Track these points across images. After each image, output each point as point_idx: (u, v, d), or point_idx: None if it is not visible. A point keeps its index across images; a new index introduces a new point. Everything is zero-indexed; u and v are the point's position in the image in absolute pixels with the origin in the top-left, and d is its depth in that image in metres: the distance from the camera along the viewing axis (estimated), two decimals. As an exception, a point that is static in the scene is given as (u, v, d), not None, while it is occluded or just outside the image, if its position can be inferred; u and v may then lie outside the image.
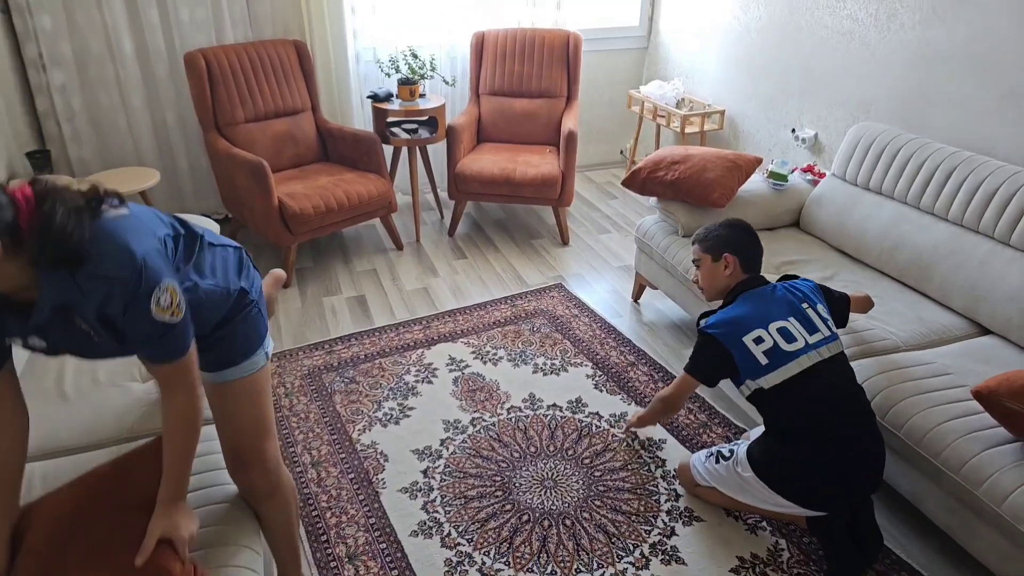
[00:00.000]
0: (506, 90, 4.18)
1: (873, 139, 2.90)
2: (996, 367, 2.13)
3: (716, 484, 2.13)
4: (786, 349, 1.93)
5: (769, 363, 1.93)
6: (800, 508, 1.97)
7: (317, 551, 2.06)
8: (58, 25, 3.44)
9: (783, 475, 1.96)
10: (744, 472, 2.02)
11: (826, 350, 1.97)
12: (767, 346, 1.93)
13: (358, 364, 2.88)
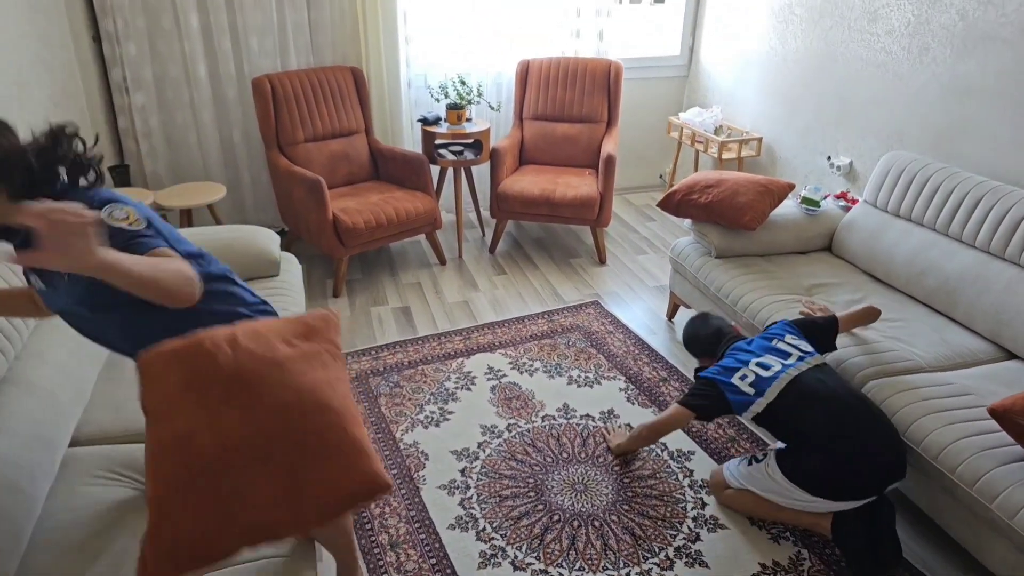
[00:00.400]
0: (548, 115, 4.36)
1: (904, 167, 2.99)
2: (1017, 389, 2.20)
3: (747, 484, 2.25)
4: (765, 376, 2.18)
5: (755, 392, 2.17)
6: (830, 502, 2.08)
7: (362, 538, 2.22)
8: (142, 52, 3.74)
9: (809, 474, 2.09)
10: (774, 474, 2.15)
11: (804, 365, 2.20)
12: (751, 379, 2.19)
13: (402, 370, 3.05)
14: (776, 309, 2.71)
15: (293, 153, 3.81)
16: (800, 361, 2.21)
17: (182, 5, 3.70)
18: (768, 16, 4.22)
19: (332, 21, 4.01)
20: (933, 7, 3.19)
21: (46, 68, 3.08)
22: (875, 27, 3.51)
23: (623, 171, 4.99)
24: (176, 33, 3.79)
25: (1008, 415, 1.90)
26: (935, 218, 2.83)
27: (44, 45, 3.09)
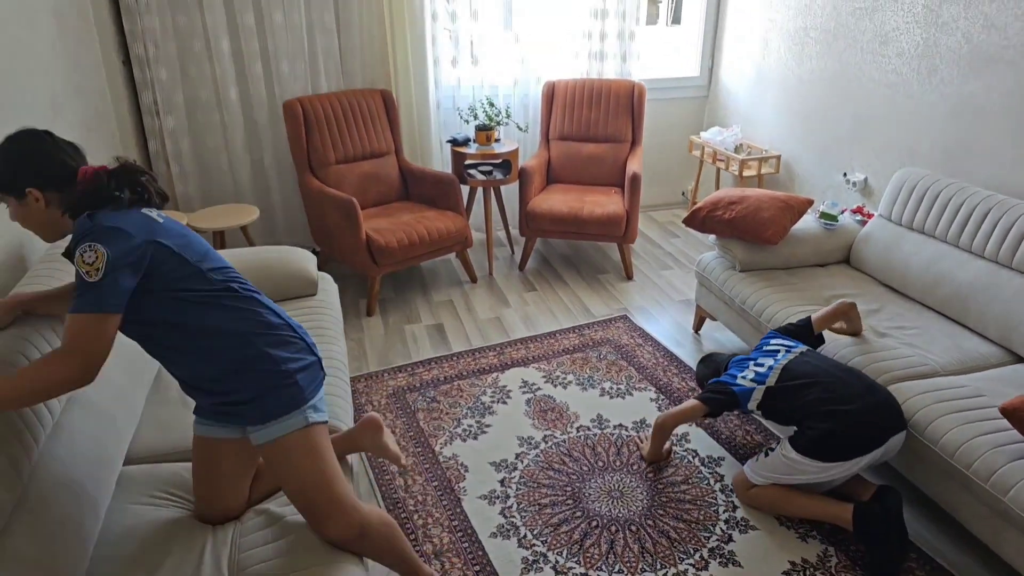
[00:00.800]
0: (574, 135, 4.49)
1: (916, 183, 3.09)
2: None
3: (768, 474, 2.36)
4: (762, 371, 2.46)
5: (755, 383, 2.43)
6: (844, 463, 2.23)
7: (407, 547, 2.31)
8: (173, 76, 3.87)
9: (818, 442, 2.24)
10: (789, 454, 2.29)
11: (791, 355, 2.48)
12: (751, 376, 2.47)
13: (438, 385, 3.15)
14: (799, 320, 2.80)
15: (325, 175, 3.94)
16: (788, 352, 2.49)
17: (213, 30, 3.83)
18: (784, 39, 4.34)
19: (361, 45, 4.15)
20: (940, 31, 3.30)
21: (79, 92, 3.17)
22: (886, 49, 3.62)
23: (646, 189, 5.10)
24: (207, 57, 3.91)
25: (1018, 414, 1.99)
26: (947, 230, 2.93)
27: (76, 69, 3.19)
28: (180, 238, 1.65)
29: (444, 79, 4.42)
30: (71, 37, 3.18)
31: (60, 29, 3.05)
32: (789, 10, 4.27)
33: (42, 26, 2.86)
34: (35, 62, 2.74)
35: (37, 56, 2.77)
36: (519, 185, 4.20)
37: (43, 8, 2.89)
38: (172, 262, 1.59)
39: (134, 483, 1.90)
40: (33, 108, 2.66)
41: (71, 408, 1.85)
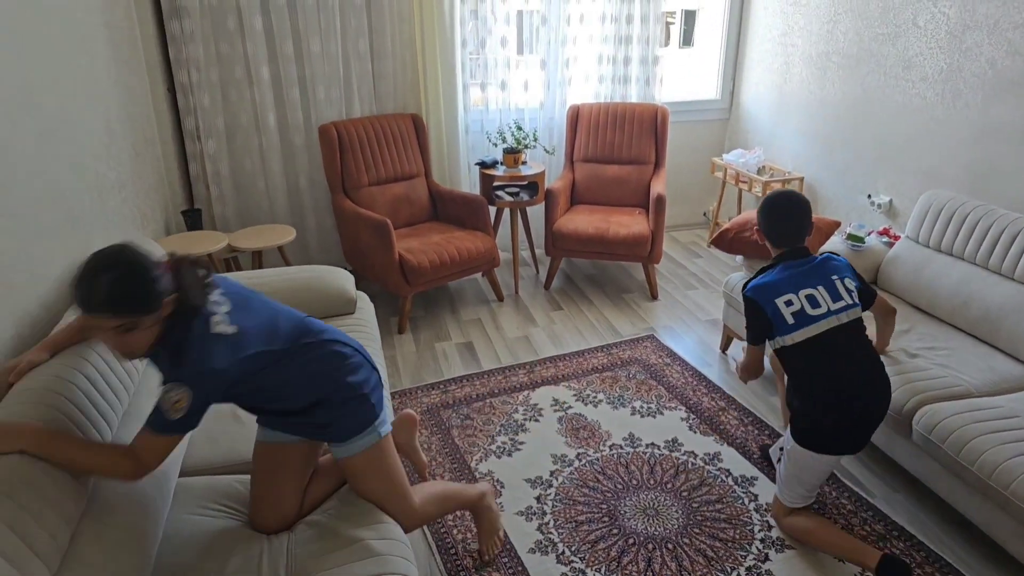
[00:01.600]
0: (599, 157, 4.57)
1: (943, 205, 3.14)
2: (1063, 412, 2.32)
3: (787, 486, 2.38)
4: (810, 313, 2.23)
5: (795, 323, 2.24)
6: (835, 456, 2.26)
7: (447, 562, 2.35)
8: (215, 102, 3.99)
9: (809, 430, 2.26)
10: (793, 452, 2.31)
11: (845, 316, 2.25)
12: (795, 308, 2.24)
13: (471, 403, 3.21)
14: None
15: (358, 197, 4.04)
16: (844, 311, 2.25)
17: (254, 58, 3.95)
18: (806, 62, 4.42)
19: (394, 72, 4.26)
20: (964, 56, 3.36)
21: (129, 118, 3.30)
22: (910, 74, 3.68)
23: (668, 210, 5.16)
24: (248, 83, 4.03)
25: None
26: (975, 252, 2.98)
27: (128, 96, 3.31)
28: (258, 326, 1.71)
29: (473, 103, 4.52)
30: (124, 66, 3.31)
31: (115, 58, 3.18)
32: (811, 36, 4.35)
33: (100, 56, 2.98)
34: (94, 89, 2.86)
35: (96, 83, 2.89)
36: (545, 206, 4.28)
37: (100, 38, 3.01)
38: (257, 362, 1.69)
39: (190, 494, 1.96)
40: (91, 133, 2.77)
41: (128, 422, 1.90)
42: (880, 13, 3.82)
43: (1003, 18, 3.15)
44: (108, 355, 1.93)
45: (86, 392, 1.76)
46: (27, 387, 1.67)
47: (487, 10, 4.41)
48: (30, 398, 1.61)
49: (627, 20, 4.64)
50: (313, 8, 3.98)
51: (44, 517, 1.41)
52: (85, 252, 2.51)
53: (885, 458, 2.80)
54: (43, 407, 1.60)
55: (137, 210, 3.29)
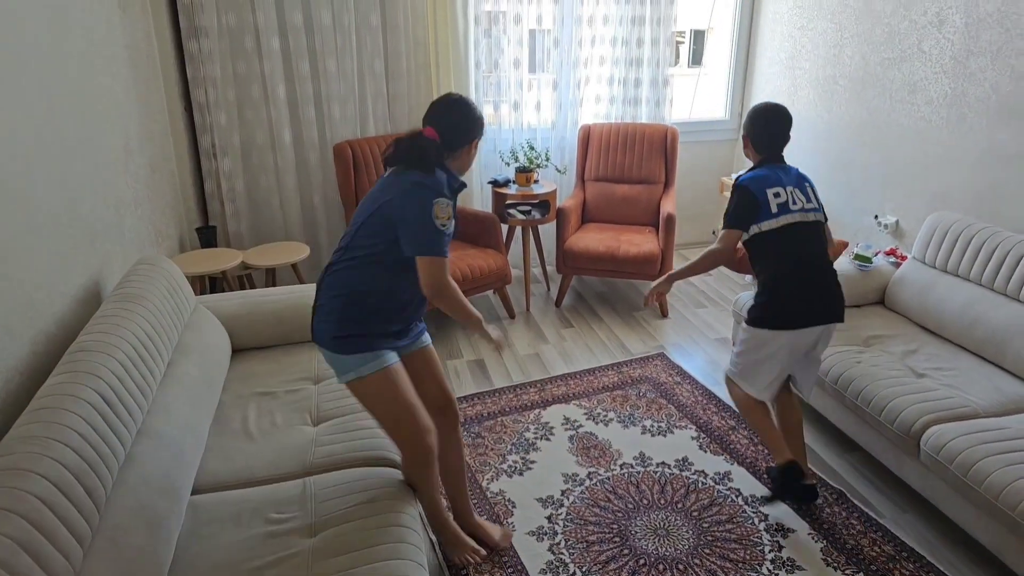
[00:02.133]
0: (609, 176, 4.62)
1: (949, 227, 3.18)
2: (1070, 435, 2.34)
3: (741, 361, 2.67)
4: (791, 207, 2.53)
5: (777, 212, 2.52)
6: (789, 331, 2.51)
7: (453, 569, 2.38)
8: (231, 120, 4.06)
9: (773, 309, 2.53)
10: (747, 332, 2.60)
11: (813, 216, 2.56)
12: (780, 200, 2.53)
13: (482, 421, 3.24)
14: (837, 360, 2.88)
15: None
16: (812, 212, 2.57)
17: (271, 77, 4.03)
18: (813, 86, 4.47)
19: (408, 91, 4.33)
20: (969, 81, 3.41)
21: (148, 135, 3.36)
22: (915, 98, 3.73)
23: (678, 228, 5.20)
24: (264, 102, 4.10)
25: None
26: (980, 273, 3.01)
27: (147, 115, 3.38)
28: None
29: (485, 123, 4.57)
30: (143, 85, 3.37)
31: (135, 78, 3.24)
32: (818, 59, 4.40)
33: (121, 76, 3.05)
34: (115, 109, 2.93)
35: (116, 103, 2.96)
36: (556, 224, 4.33)
37: (122, 59, 3.08)
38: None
39: (203, 510, 1.98)
40: (111, 151, 2.84)
41: (141, 440, 1.92)
42: (886, 38, 3.87)
43: (1006, 44, 3.20)
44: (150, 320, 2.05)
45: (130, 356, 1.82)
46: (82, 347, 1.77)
47: (500, 31, 4.49)
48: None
49: (637, 43, 4.71)
50: (330, 29, 4.05)
51: (57, 536, 1.42)
52: (102, 271, 2.59)
53: (894, 478, 2.83)
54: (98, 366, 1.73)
55: (153, 227, 3.34)
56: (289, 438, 2.32)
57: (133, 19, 3.32)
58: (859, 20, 4.05)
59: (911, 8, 3.69)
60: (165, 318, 2.35)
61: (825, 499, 2.73)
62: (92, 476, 1.61)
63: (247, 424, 2.39)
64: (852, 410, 2.79)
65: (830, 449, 3.04)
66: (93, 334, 1.99)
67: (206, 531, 1.90)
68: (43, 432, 1.58)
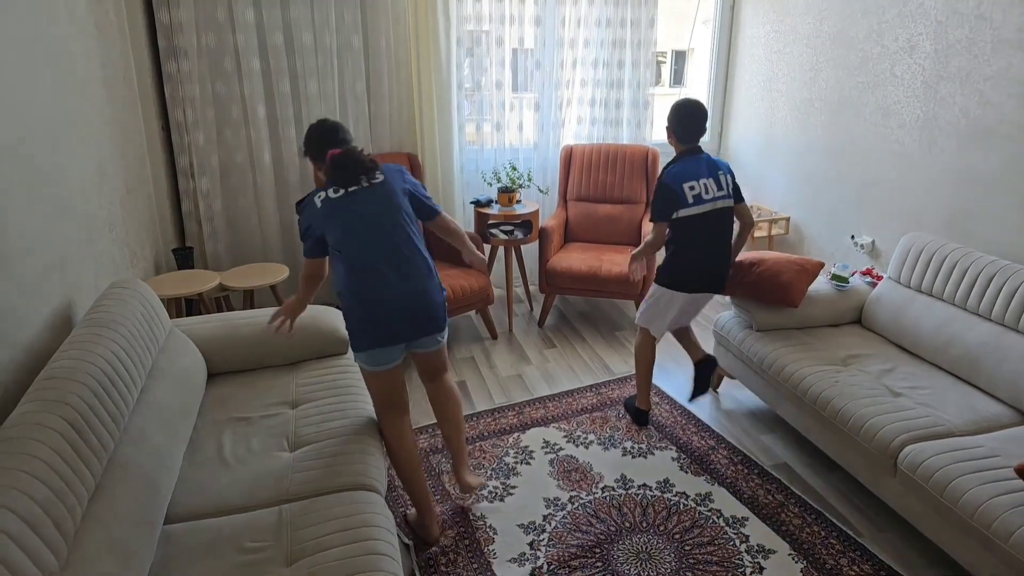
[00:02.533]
0: (591, 196, 4.65)
1: (923, 247, 3.22)
2: (1041, 451, 2.37)
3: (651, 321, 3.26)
4: (705, 197, 3.03)
5: (692, 202, 3.02)
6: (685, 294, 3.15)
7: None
8: (209, 140, 4.04)
9: (673, 275, 3.14)
10: (661, 296, 3.18)
11: (721, 203, 3.06)
12: (695, 192, 3.03)
13: None
14: (816, 379, 2.90)
15: None
16: (723, 199, 3.06)
17: (251, 98, 4.02)
18: (791, 108, 4.53)
19: (390, 112, 4.34)
20: (939, 106, 3.47)
21: (122, 156, 3.32)
22: (888, 121, 3.79)
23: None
24: (243, 122, 4.08)
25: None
26: (954, 293, 3.05)
27: (121, 135, 3.35)
28: None
29: (468, 143, 4.60)
30: (119, 105, 3.35)
31: (109, 98, 3.21)
32: (794, 82, 4.47)
33: (94, 96, 3.02)
34: (86, 130, 2.89)
35: (88, 124, 2.92)
36: (539, 244, 4.34)
37: (97, 79, 3.06)
38: None
39: (177, 542, 1.93)
40: (83, 173, 2.80)
41: (112, 469, 1.88)
42: (860, 63, 3.94)
43: (974, 70, 3.27)
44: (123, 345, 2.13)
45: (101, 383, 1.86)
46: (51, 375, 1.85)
47: (483, 52, 4.51)
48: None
49: (619, 65, 4.76)
50: (311, 50, 4.06)
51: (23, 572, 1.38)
52: (74, 295, 2.56)
53: (872, 497, 2.84)
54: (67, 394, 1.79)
55: (128, 249, 3.30)
56: (265, 464, 2.27)
57: (109, 39, 3.30)
58: (834, 45, 4.11)
59: (883, 35, 3.76)
60: (138, 343, 2.32)
61: (804, 519, 2.73)
62: (60, 507, 1.58)
63: (222, 450, 2.34)
64: (831, 429, 2.80)
65: (810, 468, 3.04)
66: (63, 361, 1.96)
67: (179, 562, 1.86)
68: (9, 463, 1.54)
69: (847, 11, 3.98)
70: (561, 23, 4.61)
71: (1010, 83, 3.11)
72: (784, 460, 3.12)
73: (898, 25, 3.65)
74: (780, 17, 4.56)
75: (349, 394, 2.68)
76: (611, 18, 4.66)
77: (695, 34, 6.04)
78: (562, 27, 4.62)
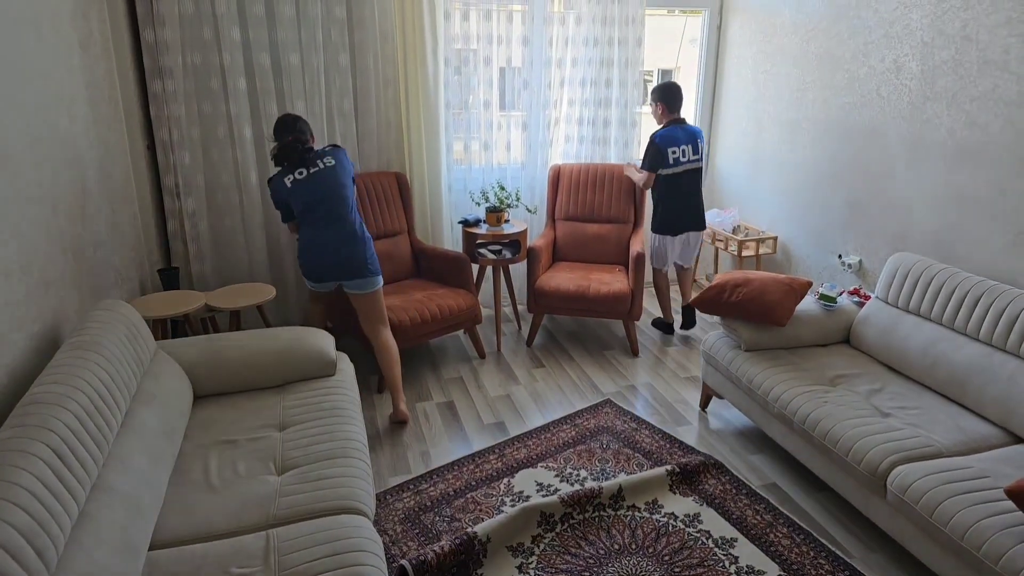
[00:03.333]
0: (579, 216, 4.66)
1: (910, 268, 3.25)
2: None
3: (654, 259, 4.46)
4: (681, 160, 4.17)
5: (673, 163, 4.16)
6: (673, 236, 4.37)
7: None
8: (195, 160, 4.02)
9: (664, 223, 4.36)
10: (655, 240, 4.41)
11: (693, 165, 4.22)
12: (675, 156, 4.16)
13: (451, 501, 2.95)
14: (805, 400, 2.90)
15: None
16: (696, 162, 4.22)
17: (237, 118, 4.01)
18: (778, 128, 4.58)
19: (378, 130, 4.32)
20: (925, 126, 3.51)
21: (107, 176, 3.30)
22: (874, 141, 3.84)
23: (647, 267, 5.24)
24: (230, 142, 4.07)
25: (1023, 495, 2.07)
26: (941, 313, 3.07)
27: (107, 154, 3.33)
28: None
29: (456, 162, 4.61)
30: (104, 124, 3.33)
31: (95, 117, 3.20)
32: (782, 102, 4.51)
33: (80, 115, 3.01)
34: (71, 150, 2.88)
35: (74, 143, 2.91)
36: (527, 263, 4.34)
37: (82, 98, 3.04)
38: None
39: (161, 568, 1.90)
40: (67, 194, 2.78)
41: (96, 495, 1.86)
42: (846, 83, 3.98)
43: (960, 91, 3.30)
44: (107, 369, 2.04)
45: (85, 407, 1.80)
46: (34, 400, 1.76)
47: (471, 71, 4.54)
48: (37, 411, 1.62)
49: (606, 84, 4.79)
50: (298, 69, 4.06)
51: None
52: (57, 318, 2.53)
53: (862, 518, 2.83)
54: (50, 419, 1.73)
55: (112, 269, 3.28)
56: (252, 488, 2.25)
57: (94, 58, 3.28)
58: (821, 65, 4.16)
59: (870, 55, 3.80)
60: (123, 365, 2.29)
61: (793, 540, 2.72)
62: (43, 536, 1.55)
63: (208, 474, 2.31)
64: (820, 450, 2.80)
65: (798, 488, 3.04)
66: (46, 385, 1.93)
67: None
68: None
69: (833, 31, 4.03)
70: (548, 43, 4.64)
71: (996, 104, 3.15)
72: (773, 480, 3.11)
73: (884, 46, 3.70)
74: (767, 37, 4.61)
75: (336, 416, 2.66)
76: (598, 37, 4.70)
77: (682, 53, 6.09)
78: (549, 47, 4.65)
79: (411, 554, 2.61)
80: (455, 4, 4.41)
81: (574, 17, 4.68)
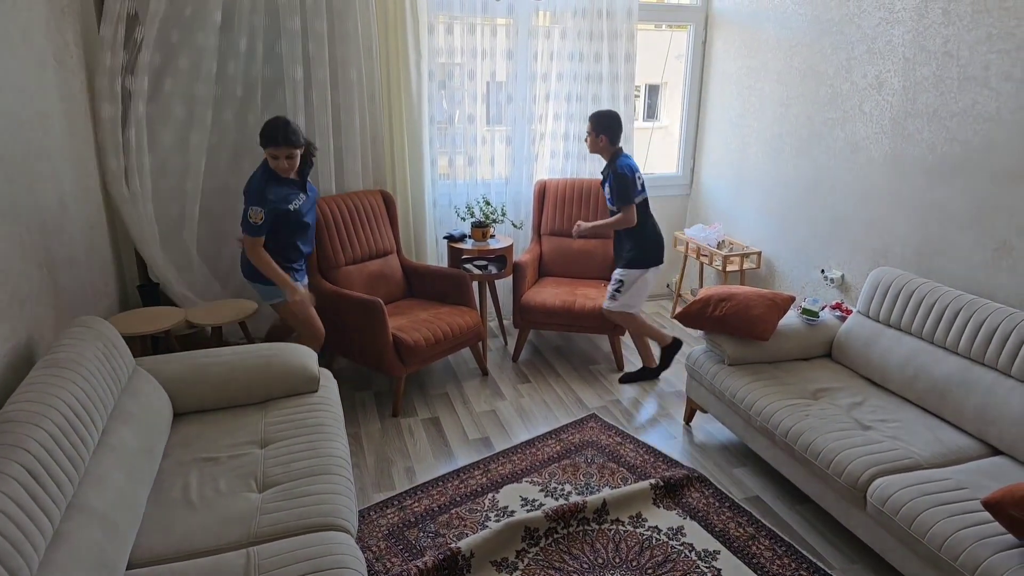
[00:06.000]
0: (565, 231, 4.67)
1: (891, 282, 3.27)
2: (1006, 483, 2.40)
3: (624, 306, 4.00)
4: (642, 188, 3.96)
5: (641, 190, 3.95)
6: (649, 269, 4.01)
7: None
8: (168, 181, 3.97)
9: (646, 254, 3.99)
10: (628, 277, 3.99)
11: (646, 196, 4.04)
12: (641, 182, 3.96)
13: (436, 516, 2.94)
14: (787, 413, 2.91)
15: (336, 277, 3.96)
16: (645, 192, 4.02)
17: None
18: (762, 143, 4.62)
19: (362, 147, 4.24)
20: (907, 142, 3.55)
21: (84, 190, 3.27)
22: (857, 157, 3.87)
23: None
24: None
25: (999, 507, 2.09)
26: (921, 327, 3.09)
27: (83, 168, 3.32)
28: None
29: (440, 177, 4.62)
30: (79, 139, 3.31)
31: (70, 131, 3.18)
32: (766, 118, 4.56)
33: (53, 129, 2.98)
34: (48, 165, 2.86)
35: (48, 157, 2.88)
36: (513, 279, 4.34)
37: (55, 112, 3.01)
38: None
39: None
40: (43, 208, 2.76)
41: (71, 515, 1.84)
42: (829, 99, 4.03)
43: (941, 107, 3.35)
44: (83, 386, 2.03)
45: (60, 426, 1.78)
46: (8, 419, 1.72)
47: (455, 85, 4.55)
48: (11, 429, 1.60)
49: (593, 99, 4.80)
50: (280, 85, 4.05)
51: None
52: (32, 336, 2.51)
53: (842, 530, 2.84)
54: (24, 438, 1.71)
55: (90, 286, 3.25)
56: (233, 506, 2.23)
57: (69, 72, 3.24)
58: (804, 81, 4.21)
59: (852, 71, 3.85)
60: (99, 383, 2.28)
61: (775, 552, 2.72)
62: (16, 558, 1.54)
63: (188, 492, 2.29)
64: (801, 463, 2.81)
65: (780, 501, 3.04)
66: (19, 403, 1.92)
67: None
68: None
69: (817, 47, 4.08)
70: (534, 57, 4.65)
71: (976, 119, 3.19)
72: (756, 493, 3.12)
73: (867, 62, 3.75)
74: (751, 52, 4.66)
75: (319, 433, 2.65)
76: (584, 52, 4.71)
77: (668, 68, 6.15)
78: (534, 61, 4.66)
79: (394, 570, 2.60)
80: (439, 17, 4.42)
81: (559, 31, 4.70)
